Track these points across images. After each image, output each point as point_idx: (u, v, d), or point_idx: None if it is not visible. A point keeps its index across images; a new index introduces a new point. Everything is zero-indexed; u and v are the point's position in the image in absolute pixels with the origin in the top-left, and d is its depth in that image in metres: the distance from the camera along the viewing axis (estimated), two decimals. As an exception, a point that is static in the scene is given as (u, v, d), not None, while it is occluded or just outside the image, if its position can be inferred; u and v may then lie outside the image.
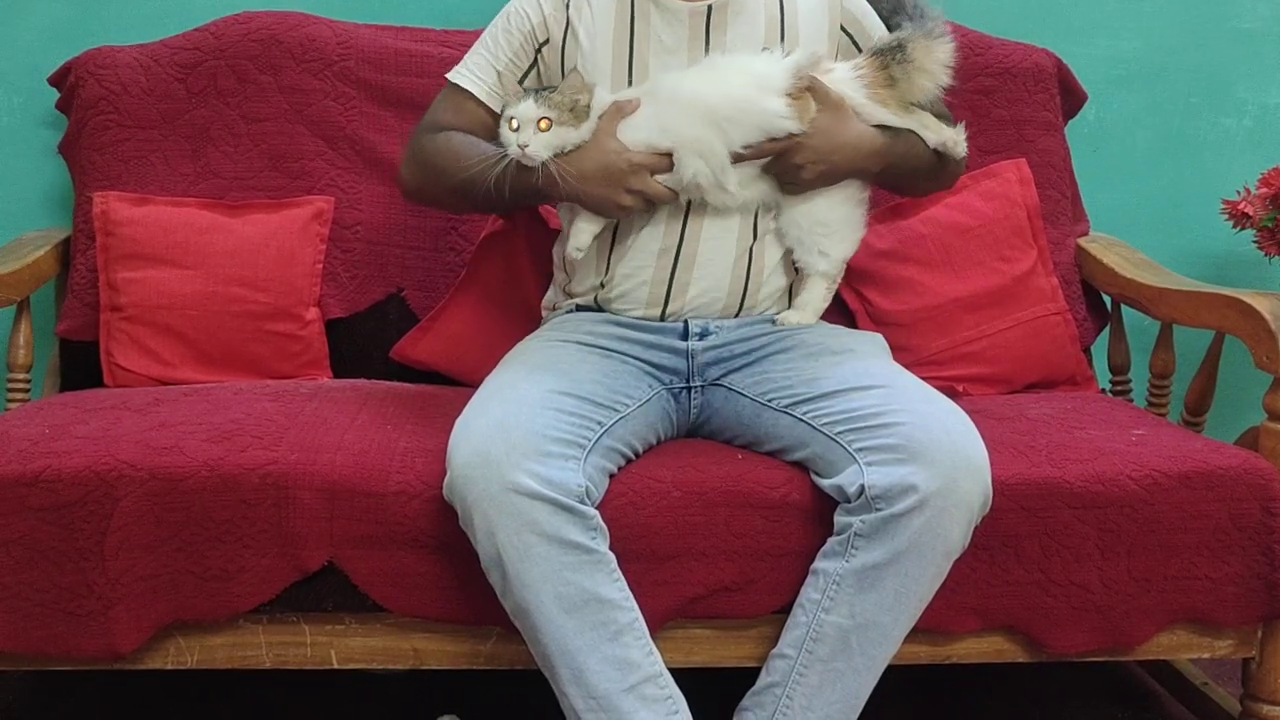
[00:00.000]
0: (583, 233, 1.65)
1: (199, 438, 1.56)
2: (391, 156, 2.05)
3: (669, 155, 1.59)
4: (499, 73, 1.68)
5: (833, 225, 1.68)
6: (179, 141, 2.03)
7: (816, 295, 1.71)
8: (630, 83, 1.67)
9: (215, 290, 1.91)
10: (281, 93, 2.04)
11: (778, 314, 1.72)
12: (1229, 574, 1.60)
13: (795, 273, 1.74)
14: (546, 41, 1.69)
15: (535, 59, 1.70)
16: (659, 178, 1.59)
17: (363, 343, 2.02)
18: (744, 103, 1.58)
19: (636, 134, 1.59)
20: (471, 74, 1.71)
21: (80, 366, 1.97)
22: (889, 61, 1.65)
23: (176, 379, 1.90)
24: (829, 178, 1.64)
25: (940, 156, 1.71)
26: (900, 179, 1.76)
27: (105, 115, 2.01)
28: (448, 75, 1.74)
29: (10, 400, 1.93)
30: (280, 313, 1.94)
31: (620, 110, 1.60)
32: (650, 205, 1.62)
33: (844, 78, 1.65)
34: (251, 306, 1.92)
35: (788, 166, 1.62)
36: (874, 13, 1.76)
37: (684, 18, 1.67)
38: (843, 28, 1.73)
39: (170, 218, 1.95)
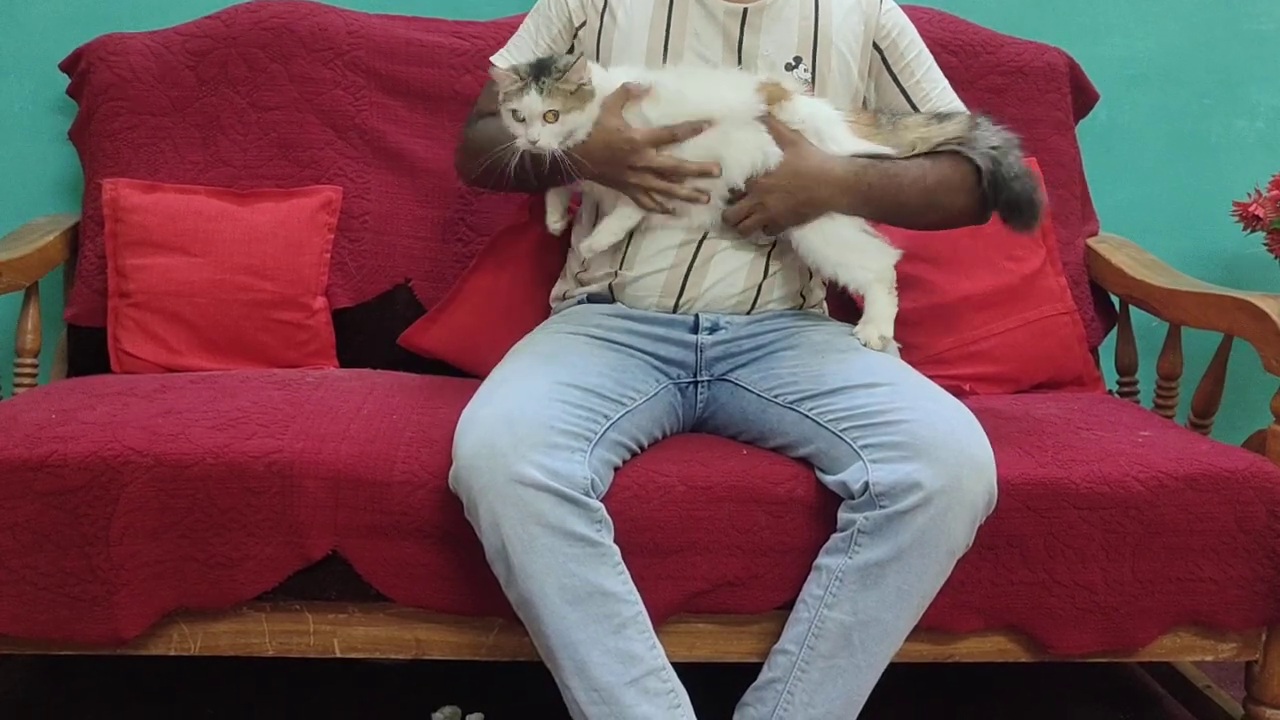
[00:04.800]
0: (603, 233, 1.65)
1: (205, 425, 1.56)
2: (400, 147, 2.06)
3: (666, 129, 1.59)
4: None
5: (855, 241, 1.63)
6: (189, 129, 2.03)
7: (879, 303, 1.64)
8: None
9: (223, 278, 1.91)
10: (292, 81, 2.04)
11: (856, 329, 1.66)
12: (1234, 577, 1.60)
13: (809, 276, 1.75)
14: (584, 24, 1.70)
15: (573, 44, 1.72)
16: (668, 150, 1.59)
17: (369, 332, 2.02)
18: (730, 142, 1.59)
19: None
20: (513, 60, 1.72)
21: (88, 352, 1.98)
22: (879, 116, 1.66)
23: (183, 366, 1.90)
24: (796, 212, 1.60)
25: (949, 185, 1.63)
26: (891, 210, 1.65)
27: (116, 102, 2.01)
28: (492, 59, 1.76)
29: (18, 385, 1.93)
30: (287, 301, 1.94)
31: (627, 93, 1.60)
32: (664, 190, 1.60)
33: (818, 105, 1.64)
34: (259, 295, 1.92)
35: (754, 206, 1.60)
36: (913, 33, 1.74)
37: (719, 16, 1.67)
38: (875, 44, 1.73)
39: (179, 205, 1.95)
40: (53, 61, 2.10)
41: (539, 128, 1.55)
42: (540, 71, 1.56)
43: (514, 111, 1.57)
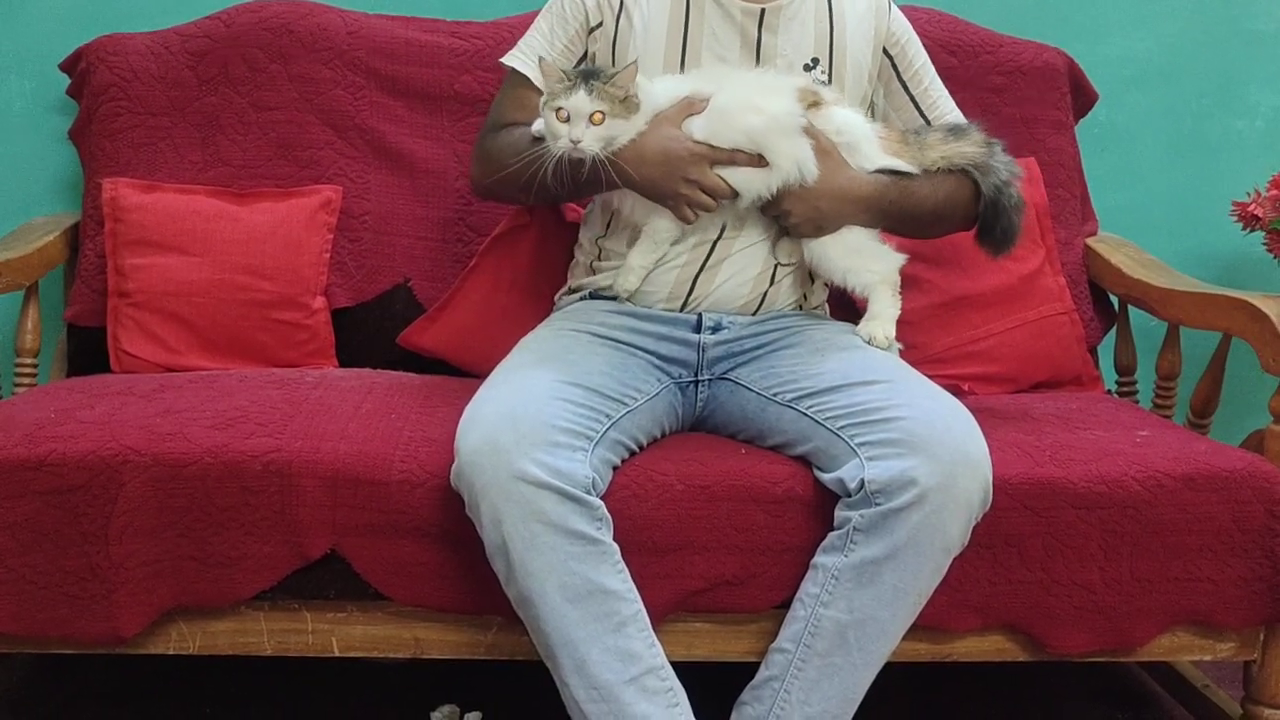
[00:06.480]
0: (633, 272, 1.65)
1: (204, 424, 1.57)
2: (399, 146, 2.06)
3: (727, 150, 1.59)
4: (554, 60, 1.67)
5: (863, 247, 1.65)
6: (189, 129, 2.04)
7: (883, 302, 1.66)
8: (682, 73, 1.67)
9: (222, 278, 1.91)
10: (291, 81, 2.04)
11: (860, 327, 1.68)
12: (1232, 576, 1.60)
13: (810, 281, 1.75)
14: (599, 25, 1.69)
15: (588, 44, 1.71)
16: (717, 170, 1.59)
17: (369, 332, 2.02)
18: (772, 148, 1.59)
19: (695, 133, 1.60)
20: (529, 60, 1.69)
21: (87, 352, 1.98)
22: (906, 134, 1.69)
23: (182, 366, 1.90)
24: (816, 224, 1.62)
25: (954, 202, 1.67)
26: (904, 224, 1.69)
27: (116, 102, 2.02)
28: (502, 60, 1.74)
29: (17, 384, 1.94)
30: (286, 301, 1.94)
31: (690, 105, 1.60)
32: (703, 205, 1.60)
33: (853, 118, 1.65)
34: (258, 295, 1.92)
35: (777, 211, 1.63)
36: (918, 41, 1.77)
37: (736, 17, 1.68)
38: (885, 50, 1.75)
39: (179, 205, 1.95)
40: (53, 61, 2.11)
41: (583, 128, 1.54)
42: (590, 75, 1.56)
43: (558, 110, 1.54)
